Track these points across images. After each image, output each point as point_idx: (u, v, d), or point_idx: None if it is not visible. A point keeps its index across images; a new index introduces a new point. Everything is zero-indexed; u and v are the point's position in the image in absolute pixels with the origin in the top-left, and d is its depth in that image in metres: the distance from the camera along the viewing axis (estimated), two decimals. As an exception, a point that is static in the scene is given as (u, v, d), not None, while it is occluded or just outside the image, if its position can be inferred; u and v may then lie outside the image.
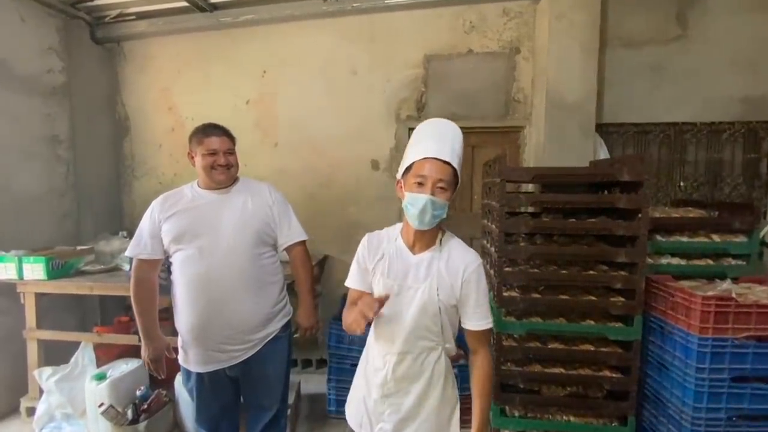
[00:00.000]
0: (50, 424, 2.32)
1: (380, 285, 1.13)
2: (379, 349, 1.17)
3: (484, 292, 1.11)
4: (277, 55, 3.01)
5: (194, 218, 1.52)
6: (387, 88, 2.95)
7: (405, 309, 1.10)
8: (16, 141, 2.53)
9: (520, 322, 2.05)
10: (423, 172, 1.03)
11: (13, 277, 2.31)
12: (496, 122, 2.88)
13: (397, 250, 1.15)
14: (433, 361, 1.12)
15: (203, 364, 1.53)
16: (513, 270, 2.08)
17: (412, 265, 1.12)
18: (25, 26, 2.56)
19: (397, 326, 1.11)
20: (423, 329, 1.09)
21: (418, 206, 1.02)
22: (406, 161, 1.10)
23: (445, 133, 1.10)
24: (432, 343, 1.11)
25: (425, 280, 1.10)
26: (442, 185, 1.03)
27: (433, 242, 1.13)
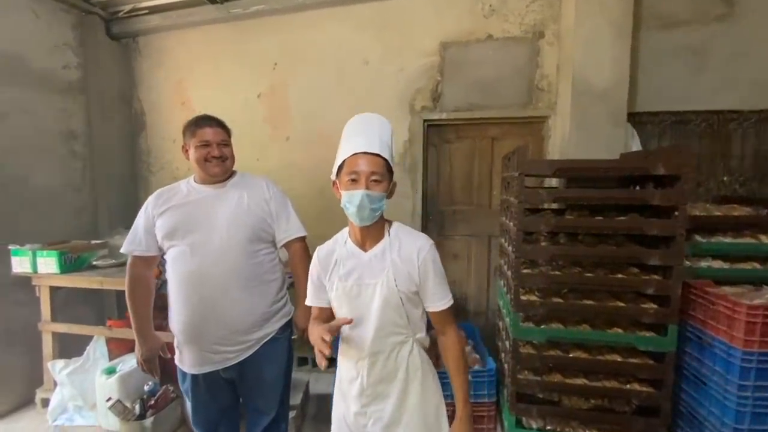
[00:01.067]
0: (63, 416, 2.36)
1: (339, 290, 1.11)
2: (350, 357, 1.15)
3: (441, 272, 1.12)
4: (288, 47, 2.94)
5: (187, 214, 1.46)
6: (400, 78, 2.81)
7: (367, 308, 1.09)
8: (33, 137, 2.57)
9: (539, 328, 1.90)
10: (355, 168, 1.03)
11: (28, 271, 2.35)
12: (517, 112, 2.69)
13: (348, 252, 1.14)
14: (406, 356, 1.12)
15: (197, 366, 1.46)
16: (532, 272, 1.92)
17: (365, 263, 1.11)
18: (39, 22, 2.58)
19: (363, 328, 1.10)
20: (390, 324, 1.09)
21: (355, 203, 1.02)
22: (337, 160, 1.09)
23: (371, 126, 1.10)
24: (401, 337, 1.11)
25: (381, 273, 1.08)
26: (376, 177, 1.03)
27: (381, 235, 1.13)
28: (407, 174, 2.88)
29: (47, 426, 2.31)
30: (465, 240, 2.98)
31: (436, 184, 2.97)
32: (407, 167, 2.87)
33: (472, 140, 2.88)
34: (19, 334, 2.47)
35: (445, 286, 1.12)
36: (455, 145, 2.92)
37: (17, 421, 2.39)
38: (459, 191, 2.95)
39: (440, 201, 2.99)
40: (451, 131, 2.90)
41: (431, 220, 3.00)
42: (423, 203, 2.91)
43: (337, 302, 1.14)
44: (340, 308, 1.14)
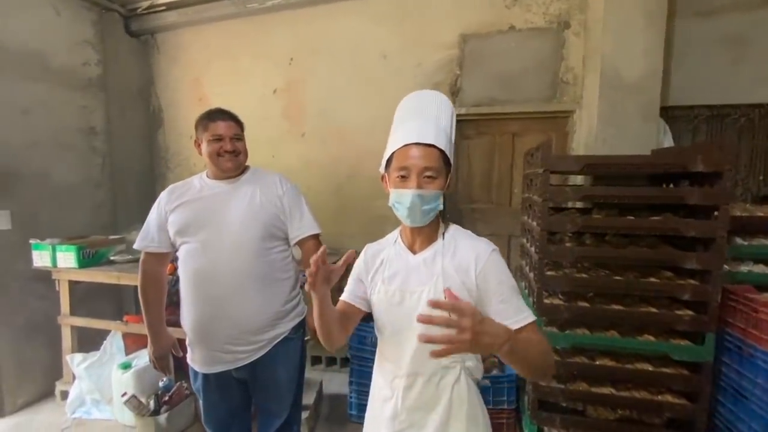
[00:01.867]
0: (81, 409, 2.38)
1: (381, 293, 0.97)
2: (386, 374, 1.00)
3: (509, 282, 0.90)
4: (305, 42, 2.89)
5: (199, 210, 1.42)
6: (418, 73, 2.73)
7: (409, 319, 0.89)
8: (54, 133, 2.61)
9: (563, 333, 1.80)
10: (405, 162, 0.89)
11: (48, 265, 2.38)
12: (540, 107, 2.58)
13: (396, 253, 1.00)
14: (450, 384, 0.93)
15: (208, 365, 1.43)
16: (556, 274, 1.82)
17: (412, 267, 0.96)
18: (60, 19, 2.61)
19: (403, 342, 0.94)
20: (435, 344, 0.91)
21: (406, 203, 0.89)
22: (386, 151, 0.95)
23: (427, 109, 0.95)
24: (447, 361, 0.93)
25: (429, 280, 0.92)
26: (430, 174, 0.88)
27: (434, 237, 0.98)
28: (424, 171, 2.80)
29: (66, 418, 2.34)
30: (484, 239, 2.88)
31: (454, 182, 2.89)
32: (424, 164, 2.79)
33: (492, 136, 2.78)
34: (40, 327, 2.51)
35: (517, 299, 0.88)
36: (474, 141, 2.82)
37: (37, 413, 2.43)
38: (478, 189, 2.85)
39: (458, 199, 2.90)
40: (470, 127, 2.80)
41: (449, 220, 2.90)
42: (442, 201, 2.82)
43: (377, 307, 0.99)
44: (380, 315, 0.99)
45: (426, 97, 0.99)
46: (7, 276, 2.37)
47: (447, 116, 0.96)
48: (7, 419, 2.36)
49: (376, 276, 1.00)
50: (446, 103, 0.98)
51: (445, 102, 0.98)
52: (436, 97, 0.99)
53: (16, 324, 2.42)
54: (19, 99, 2.40)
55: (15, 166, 2.39)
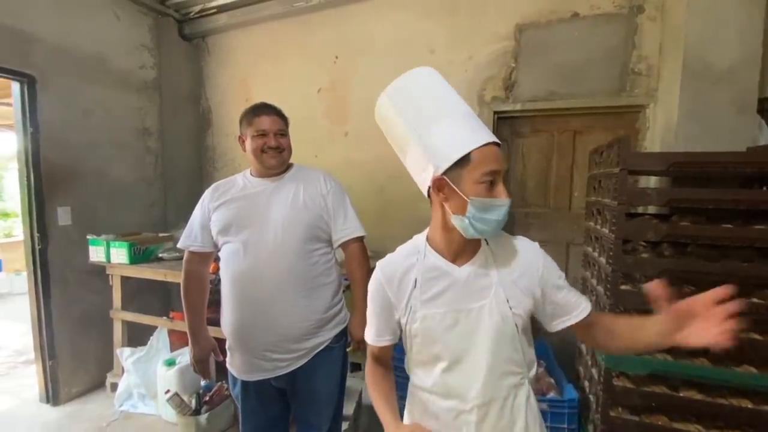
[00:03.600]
0: (128, 402, 2.44)
1: (427, 320, 0.82)
2: (442, 413, 0.85)
3: (561, 273, 0.87)
4: (350, 39, 2.82)
5: (242, 208, 1.36)
6: (469, 67, 2.57)
7: (471, 342, 0.81)
8: (111, 133, 2.72)
9: (640, 357, 1.56)
10: (494, 166, 0.75)
11: (103, 260, 2.46)
12: (607, 101, 2.32)
13: (432, 270, 0.84)
14: (523, 402, 0.84)
15: (248, 372, 1.36)
16: (633, 290, 1.58)
17: (461, 282, 0.83)
18: (120, 24, 2.72)
19: (467, 370, 0.81)
20: (505, 362, 0.82)
21: (498, 216, 0.76)
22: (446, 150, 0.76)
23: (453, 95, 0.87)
24: (517, 378, 0.84)
25: (486, 293, 0.81)
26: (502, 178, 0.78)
27: (478, 244, 0.85)
28: (473, 172, 2.62)
29: (114, 411, 2.40)
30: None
31: (507, 184, 2.67)
32: (474, 164, 2.61)
33: (550, 134, 2.55)
34: (95, 320, 2.61)
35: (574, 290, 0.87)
36: (530, 139, 2.60)
37: (88, 403, 2.52)
38: (533, 191, 2.63)
39: (511, 202, 2.68)
40: (525, 124, 2.59)
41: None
42: (490, 204, 2.63)
43: (423, 338, 0.83)
44: (429, 345, 0.83)
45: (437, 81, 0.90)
46: (66, 269, 2.48)
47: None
48: (61, 407, 2.46)
49: (411, 301, 0.83)
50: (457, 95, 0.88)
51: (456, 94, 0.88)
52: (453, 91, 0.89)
53: (73, 316, 2.53)
54: (81, 100, 2.51)
55: (75, 164, 2.50)
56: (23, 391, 2.62)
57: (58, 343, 2.45)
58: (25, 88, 2.22)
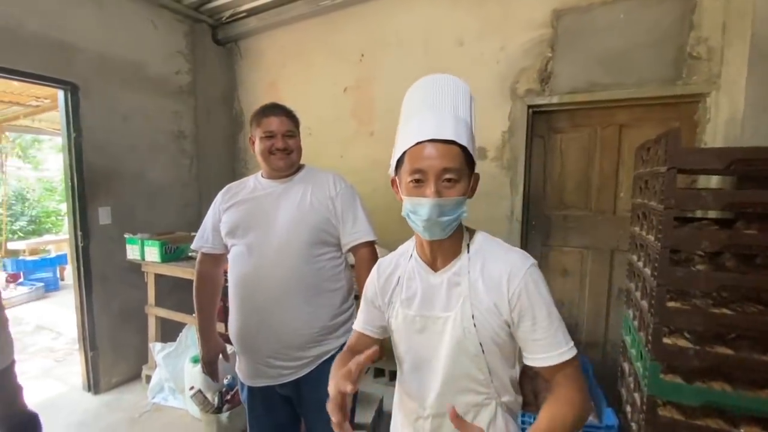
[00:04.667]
0: (160, 395, 2.54)
1: (399, 318, 0.84)
2: (407, 413, 0.87)
3: (549, 307, 0.75)
4: (375, 35, 2.75)
5: (249, 211, 1.33)
6: (501, 58, 2.40)
7: (434, 350, 0.80)
8: (149, 137, 2.85)
9: (691, 386, 1.35)
10: (420, 164, 0.73)
11: (138, 258, 2.58)
12: (659, 90, 2.06)
13: (414, 270, 0.85)
14: (485, 423, 0.79)
15: (252, 378, 1.33)
16: (683, 306, 1.37)
17: (435, 287, 0.82)
18: (157, 32, 2.84)
19: (427, 376, 0.81)
20: (463, 378, 0.78)
21: (422, 215, 0.73)
22: (395, 151, 0.80)
23: (441, 97, 0.78)
24: (480, 397, 0.79)
25: (455, 304, 0.78)
26: (450, 176, 0.73)
27: (458, 249, 0.82)
28: (505, 171, 2.45)
29: (147, 402, 2.51)
30: (578, 253, 2.42)
31: (542, 184, 2.48)
32: (505, 163, 2.44)
33: (592, 129, 2.32)
34: (132, 315, 2.75)
35: (558, 326, 0.75)
36: (569, 135, 2.38)
37: (126, 393, 2.65)
38: (572, 192, 2.41)
39: (546, 204, 2.48)
40: (563, 118, 2.38)
41: (534, 227, 2.51)
42: (524, 206, 2.44)
43: (397, 335, 0.87)
44: (399, 343, 0.87)
45: (439, 82, 0.81)
46: (106, 266, 2.63)
47: (466, 105, 0.79)
48: (100, 396, 2.61)
49: (393, 297, 0.87)
50: (464, 88, 0.81)
51: (462, 87, 0.81)
52: (451, 81, 0.81)
53: (112, 310, 2.68)
54: (121, 106, 2.65)
55: (116, 167, 2.65)
56: (71, 378, 2.82)
57: (99, 335, 2.61)
58: (69, 95, 2.37)
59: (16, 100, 4.24)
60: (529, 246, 2.51)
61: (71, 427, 2.27)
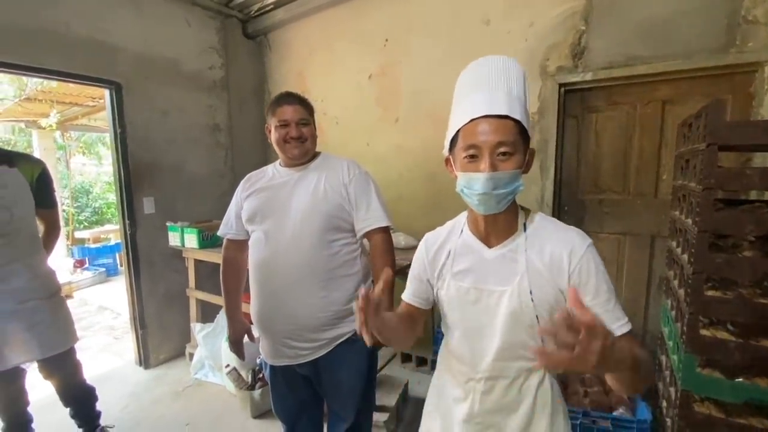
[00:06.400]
0: (201, 371, 2.72)
1: (451, 290, 0.87)
2: (457, 374, 0.92)
3: (608, 283, 0.77)
4: (399, 20, 2.70)
5: (266, 198, 1.38)
6: (529, 35, 2.27)
7: (489, 320, 0.83)
8: (186, 130, 3.01)
9: (731, 382, 1.24)
10: (474, 140, 0.75)
11: (179, 244, 2.76)
12: (707, 60, 1.87)
13: (465, 246, 0.88)
14: (534, 387, 0.86)
15: (273, 357, 1.40)
16: (723, 296, 1.26)
17: (489, 263, 0.84)
18: (191, 30, 2.97)
19: (480, 344, 0.86)
20: (518, 346, 0.83)
21: (478, 188, 0.76)
22: (450, 130, 0.83)
23: (495, 75, 0.80)
24: (531, 363, 0.84)
25: (512, 279, 0.81)
26: (505, 149, 0.74)
27: (513, 227, 0.84)
28: (535, 154, 2.34)
29: (190, 378, 2.71)
30: (615, 239, 2.29)
31: (575, 166, 2.35)
32: (535, 145, 2.31)
33: (631, 106, 2.15)
34: (176, 297, 2.96)
35: (615, 302, 0.77)
36: (605, 113, 2.23)
37: (172, 368, 2.88)
38: (608, 175, 2.26)
39: (580, 188, 2.35)
40: (598, 96, 2.22)
41: (566, 212, 2.40)
42: (555, 190, 2.33)
43: (448, 305, 0.89)
44: (450, 312, 0.90)
45: (492, 62, 0.83)
46: (152, 252, 2.84)
47: (520, 83, 0.80)
48: (150, 371, 2.85)
49: (443, 271, 0.89)
50: (517, 67, 0.82)
51: (515, 66, 0.82)
52: (503, 61, 0.82)
53: (159, 292, 2.90)
54: (160, 102, 2.81)
55: (157, 159, 2.83)
56: (126, 354, 3.10)
57: (147, 315, 2.84)
58: (114, 93, 2.55)
59: (75, 101, 4.63)
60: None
61: (124, 398, 2.51)
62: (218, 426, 2.23)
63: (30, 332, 1.68)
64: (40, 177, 1.76)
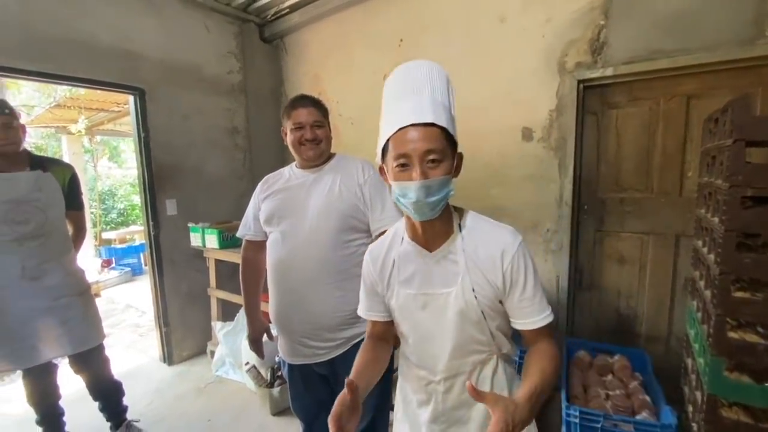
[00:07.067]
0: (222, 368, 2.79)
1: (400, 298, 0.91)
2: (418, 378, 0.96)
3: (535, 278, 0.85)
4: (414, 19, 2.70)
5: (283, 200, 1.41)
6: (547, 31, 2.23)
7: (438, 323, 0.88)
8: (206, 133, 3.09)
9: (761, 386, 1.19)
10: (403, 149, 0.77)
11: (200, 245, 2.84)
12: (734, 53, 1.80)
13: (407, 253, 0.91)
14: (489, 375, 0.92)
15: (290, 356, 1.43)
16: (752, 297, 1.21)
17: (431, 266, 0.88)
18: (210, 36, 3.05)
19: (435, 346, 0.90)
20: (469, 342, 0.88)
21: (411, 197, 0.78)
22: (380, 139, 0.84)
23: (418, 81, 0.83)
24: (483, 355, 0.91)
25: (454, 280, 0.85)
26: (434, 157, 0.77)
27: (450, 229, 0.88)
28: (553, 153, 2.30)
29: (211, 375, 2.78)
30: (637, 239, 2.22)
31: (595, 164, 2.29)
32: (553, 144, 2.29)
33: (654, 101, 2.09)
34: (198, 296, 3.04)
35: (541, 296, 0.86)
36: (626, 110, 2.17)
37: (194, 365, 2.96)
38: (630, 173, 2.20)
39: (601, 186, 2.30)
40: (619, 92, 2.17)
41: (587, 212, 2.34)
42: (575, 189, 2.28)
43: (399, 313, 0.93)
44: (402, 321, 0.94)
45: (415, 69, 0.86)
46: (174, 252, 2.92)
47: (443, 87, 0.84)
48: (173, 367, 2.95)
49: (391, 280, 0.93)
50: (439, 71, 0.85)
51: (437, 70, 0.85)
52: (426, 67, 0.85)
53: (181, 291, 2.98)
54: (181, 106, 2.90)
55: (179, 162, 2.91)
56: (150, 351, 3.20)
57: (171, 313, 2.92)
58: (138, 99, 2.64)
59: (101, 107, 4.81)
60: (582, 231, 2.35)
61: (149, 394, 2.60)
62: (239, 423, 2.28)
63: (63, 328, 1.76)
64: (70, 180, 1.85)
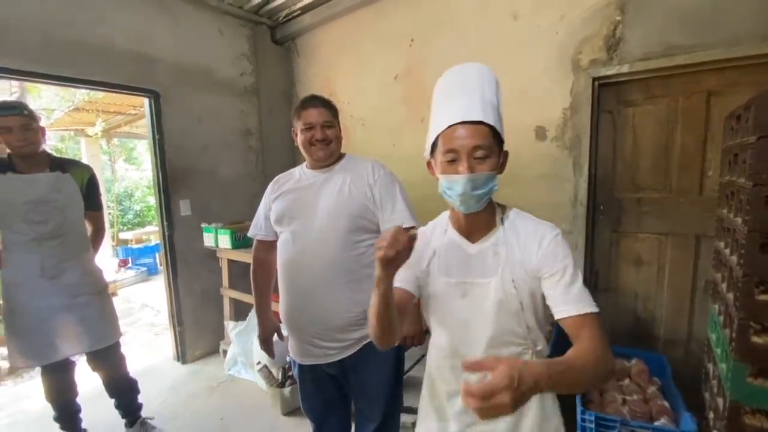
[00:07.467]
0: (234, 368, 2.82)
1: (439, 285, 0.93)
2: (451, 369, 0.96)
3: (572, 266, 0.84)
4: (424, 18, 2.69)
5: (293, 200, 1.41)
6: (560, 28, 2.20)
7: (477, 312, 0.89)
8: (220, 135, 3.13)
9: (789, 394, 1.14)
10: (452, 145, 0.83)
11: (213, 245, 2.87)
12: (757, 47, 1.73)
13: (450, 243, 0.95)
14: None
15: (300, 356, 1.43)
16: (779, 300, 1.16)
17: (473, 257, 0.91)
18: (223, 39, 3.09)
19: (472, 335, 0.91)
20: (506, 333, 0.89)
21: (457, 189, 0.83)
22: (430, 135, 0.91)
23: (468, 83, 0.88)
24: (519, 348, 0.91)
25: (494, 271, 0.88)
26: (481, 153, 0.82)
27: (492, 223, 0.92)
28: (567, 152, 2.26)
29: (224, 374, 2.81)
30: (655, 240, 2.17)
31: (611, 164, 2.24)
32: (567, 142, 2.25)
33: (672, 99, 2.03)
34: (211, 296, 3.08)
35: (582, 287, 0.83)
36: (643, 108, 2.12)
37: (207, 364, 3.00)
38: (647, 172, 2.15)
39: (617, 186, 2.25)
40: (636, 89, 2.12)
41: (602, 212, 2.29)
42: (590, 189, 2.24)
43: (436, 301, 0.95)
44: (437, 309, 0.96)
45: (466, 70, 0.91)
46: (188, 252, 2.96)
47: (492, 88, 0.88)
48: (187, 366, 2.99)
49: (430, 266, 0.95)
50: (489, 74, 0.90)
51: (487, 73, 0.90)
52: (477, 69, 0.90)
53: (195, 291, 3.02)
54: (195, 109, 2.94)
55: (193, 164, 2.95)
56: (165, 350, 3.25)
57: (184, 313, 2.97)
58: (152, 102, 2.69)
59: (118, 110, 4.93)
60: (597, 232, 2.30)
61: (163, 392, 2.63)
62: (250, 422, 2.30)
63: (81, 326, 1.80)
64: (89, 181, 1.89)
